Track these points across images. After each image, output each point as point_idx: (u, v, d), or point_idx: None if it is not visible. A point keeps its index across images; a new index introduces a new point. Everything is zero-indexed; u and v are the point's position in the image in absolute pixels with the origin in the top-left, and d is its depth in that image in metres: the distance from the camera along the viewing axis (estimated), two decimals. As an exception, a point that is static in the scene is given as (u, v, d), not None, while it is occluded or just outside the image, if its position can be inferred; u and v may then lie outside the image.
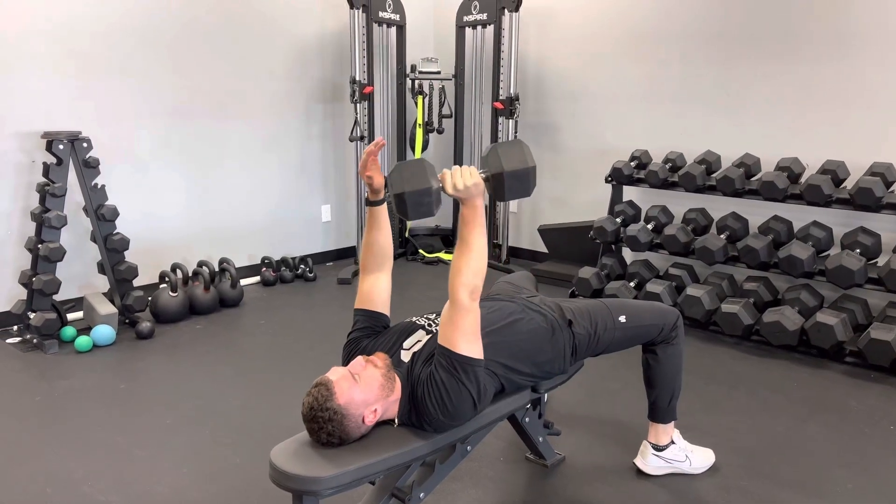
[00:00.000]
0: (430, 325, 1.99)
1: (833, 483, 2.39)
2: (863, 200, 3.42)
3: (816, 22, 3.87)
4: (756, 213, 3.96)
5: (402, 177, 1.64)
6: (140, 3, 4.07)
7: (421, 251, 5.49)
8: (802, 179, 3.78)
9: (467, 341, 1.73)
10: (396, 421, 1.79)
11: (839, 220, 3.72)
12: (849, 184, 3.67)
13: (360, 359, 1.78)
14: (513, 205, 5.44)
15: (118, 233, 3.78)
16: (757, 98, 4.13)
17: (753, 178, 3.95)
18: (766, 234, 3.78)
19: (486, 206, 5.25)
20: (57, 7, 3.75)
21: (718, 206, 4.12)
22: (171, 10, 4.21)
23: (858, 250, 3.48)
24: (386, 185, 1.83)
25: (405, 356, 1.89)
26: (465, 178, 1.69)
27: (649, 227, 4.18)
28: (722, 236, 3.88)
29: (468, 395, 1.74)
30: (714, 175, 4.05)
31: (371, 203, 1.98)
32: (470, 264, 1.74)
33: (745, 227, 3.97)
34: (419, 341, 1.92)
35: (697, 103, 4.40)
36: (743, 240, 3.78)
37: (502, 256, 5.28)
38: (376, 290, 2.02)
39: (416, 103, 5.34)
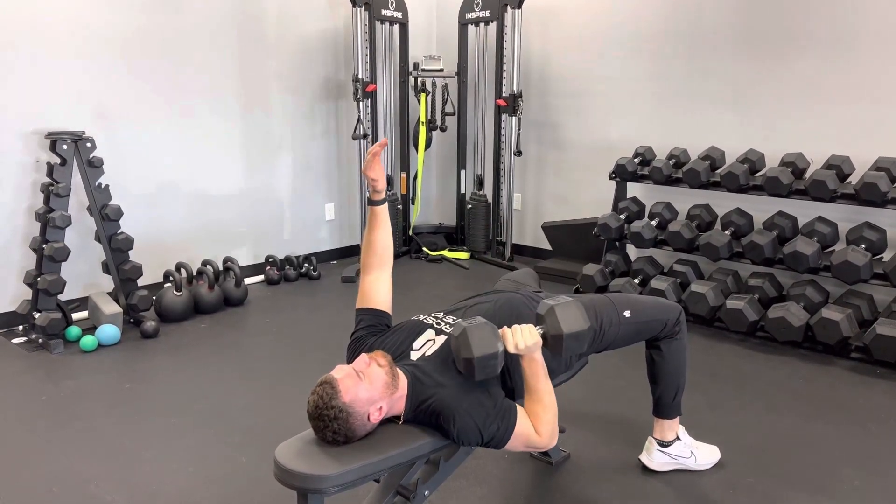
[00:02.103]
0: (438, 323, 1.99)
1: (839, 480, 2.38)
2: (868, 195, 3.40)
3: (821, 17, 3.85)
4: (761, 208, 3.95)
5: (469, 342, 1.70)
6: (144, 3, 4.07)
7: (425, 249, 5.49)
8: (807, 175, 3.77)
9: (518, 446, 1.84)
10: (401, 419, 1.79)
11: (844, 216, 3.71)
12: (854, 179, 3.66)
13: (363, 356, 1.78)
14: (517, 202, 5.44)
15: (122, 232, 3.79)
16: (761, 94, 4.12)
17: (758, 174, 3.94)
18: (770, 230, 3.77)
19: (488, 204, 5.22)
20: (60, 7, 3.76)
21: (723, 202, 4.11)
22: (175, 9, 4.21)
23: (864, 245, 3.46)
24: (390, 185, 1.84)
25: (415, 356, 1.89)
26: (526, 339, 1.77)
27: (653, 223, 4.17)
28: (726, 232, 3.87)
29: (474, 443, 1.79)
30: (718, 171, 4.04)
31: (373, 203, 1.98)
32: (547, 409, 1.82)
33: (749, 223, 3.96)
34: (430, 341, 1.92)
35: (701, 99, 4.38)
36: (748, 236, 3.77)
37: (506, 254, 5.28)
38: (378, 288, 2.02)
39: (418, 101, 5.34)
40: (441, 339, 1.91)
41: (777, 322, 3.45)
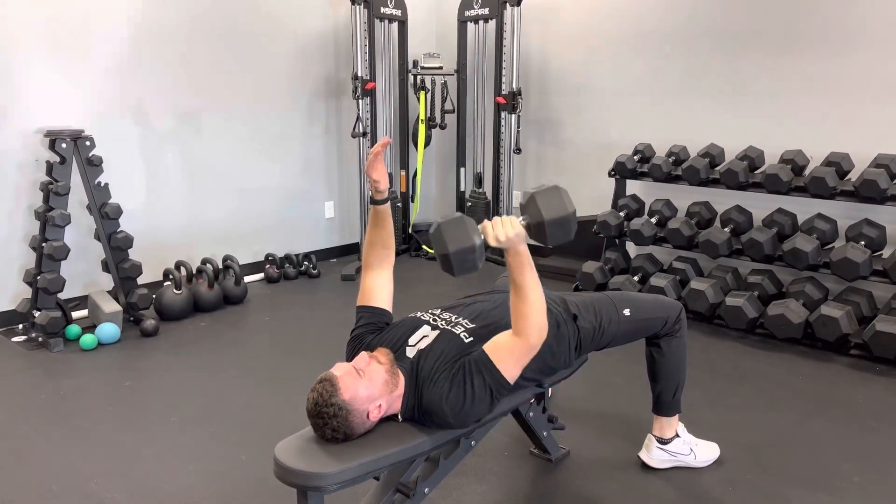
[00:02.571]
0: (434, 320, 2.00)
1: (839, 477, 2.39)
2: (867, 192, 3.40)
3: (821, 14, 3.85)
4: (760, 205, 3.94)
5: (444, 237, 1.64)
6: (142, 1, 4.06)
7: (424, 247, 5.49)
8: (806, 172, 3.77)
9: (513, 367, 1.78)
10: (400, 416, 1.79)
11: (844, 213, 3.70)
12: (853, 176, 3.66)
13: (364, 354, 1.78)
14: (516, 200, 5.43)
15: (122, 231, 3.79)
16: (760, 91, 4.12)
17: (757, 171, 3.94)
18: (770, 227, 3.77)
19: (488, 202, 5.23)
20: (60, 5, 3.75)
21: (722, 200, 4.11)
22: (174, 7, 4.21)
23: (863, 242, 3.46)
24: (391, 183, 1.82)
25: (410, 352, 1.89)
26: (507, 230, 1.70)
27: (653, 220, 4.17)
28: (726, 229, 3.87)
29: (486, 410, 1.78)
30: (718, 168, 4.04)
31: (375, 202, 1.99)
32: (534, 306, 1.75)
33: (749, 221, 3.96)
34: (425, 337, 1.92)
35: (701, 97, 4.38)
36: (747, 233, 3.77)
37: (506, 251, 5.27)
38: (379, 286, 2.03)
39: (418, 99, 5.34)
40: (435, 333, 1.91)
41: (776, 319, 3.45)
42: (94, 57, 3.92)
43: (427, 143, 5.45)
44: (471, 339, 1.89)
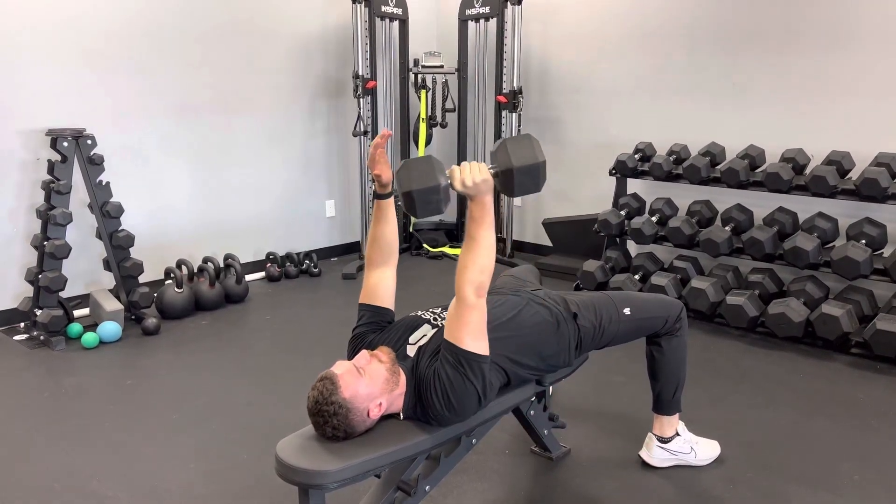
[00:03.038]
0: (435, 318, 2.00)
1: (839, 475, 2.39)
2: (868, 191, 3.40)
3: (821, 12, 3.84)
4: (761, 204, 3.94)
5: (409, 175, 1.61)
6: (146, 1, 4.06)
7: (425, 245, 5.50)
8: (807, 170, 3.77)
9: (473, 338, 1.73)
10: (402, 415, 1.80)
11: (845, 211, 3.70)
12: (854, 174, 3.66)
13: (364, 353, 1.78)
14: (517, 199, 5.43)
15: (123, 229, 3.80)
16: (761, 89, 4.11)
17: (758, 170, 3.93)
18: (771, 226, 3.77)
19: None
20: (62, 4, 3.76)
21: (723, 198, 4.11)
22: (176, 6, 4.21)
23: (864, 241, 3.46)
24: (393, 181, 1.82)
25: (411, 350, 1.89)
26: (475, 175, 1.67)
27: (654, 219, 4.17)
28: (727, 228, 3.87)
29: (473, 391, 1.74)
30: (718, 167, 4.04)
31: (379, 196, 1.98)
32: (477, 261, 1.73)
33: (749, 219, 3.96)
34: (424, 335, 1.92)
35: (701, 95, 4.38)
36: (748, 231, 3.77)
37: (506, 250, 5.28)
38: (382, 284, 2.02)
39: (419, 98, 5.34)
40: (434, 332, 1.92)
41: (777, 318, 3.45)
42: (95, 56, 3.92)
43: (428, 142, 5.45)
44: None
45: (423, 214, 1.65)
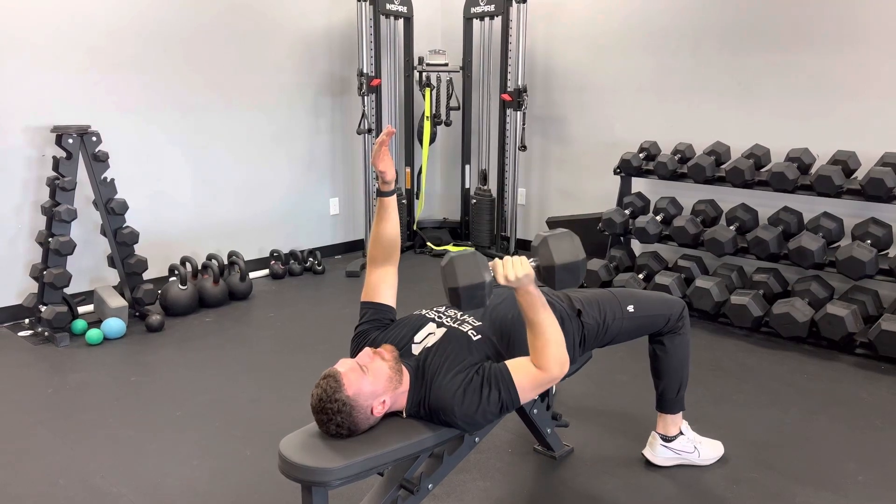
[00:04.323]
0: (440, 317, 2.00)
1: (843, 475, 2.38)
2: (874, 191, 3.39)
3: (827, 11, 3.83)
4: (766, 204, 3.93)
5: (455, 271, 1.65)
6: (148, -3, 4.08)
7: (429, 244, 5.49)
8: (813, 170, 3.76)
9: (531, 392, 1.82)
10: (405, 412, 1.80)
11: (850, 211, 3.69)
12: (860, 174, 3.64)
13: (368, 350, 1.78)
14: (521, 197, 5.43)
15: (128, 226, 3.80)
16: (766, 88, 4.10)
17: (763, 169, 3.92)
18: (775, 226, 3.76)
19: (493, 199, 5.22)
20: (67, 2, 3.76)
21: (728, 198, 4.10)
22: (180, 4, 4.21)
23: (869, 241, 3.45)
24: (396, 179, 1.83)
25: (416, 349, 1.89)
26: (517, 270, 1.70)
27: (658, 218, 4.16)
28: (731, 228, 3.86)
29: (492, 417, 1.80)
30: (723, 166, 4.03)
31: (382, 193, 1.99)
32: (551, 339, 1.76)
33: (754, 219, 3.95)
34: (431, 335, 1.92)
35: (706, 94, 4.37)
36: (752, 231, 3.76)
37: (510, 249, 5.28)
38: (384, 282, 2.03)
39: (423, 96, 5.33)
40: (441, 331, 1.92)
41: (782, 318, 3.44)
42: (100, 53, 3.93)
43: (432, 140, 5.44)
44: (479, 336, 1.90)
45: (468, 308, 1.70)
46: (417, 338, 1.92)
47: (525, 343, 1.94)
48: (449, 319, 1.98)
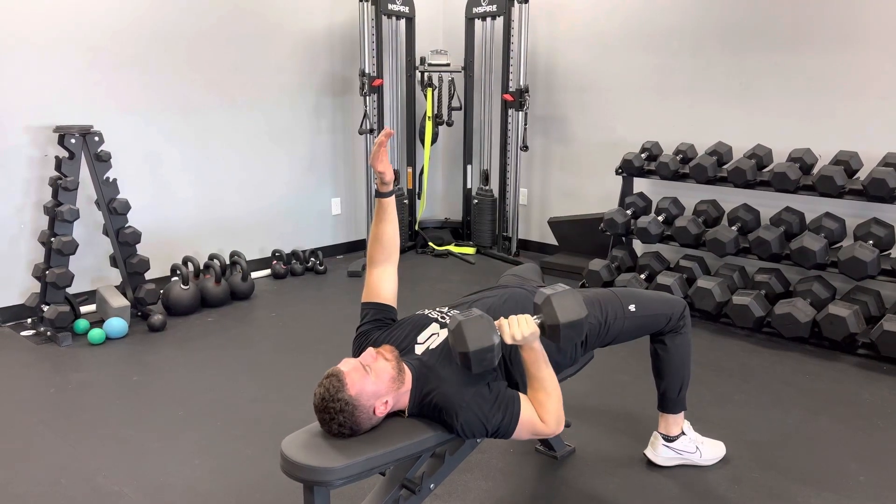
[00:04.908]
0: (443, 317, 2.00)
1: (845, 476, 2.38)
2: (876, 191, 3.39)
3: (829, 11, 3.83)
4: (768, 204, 3.93)
5: (464, 336, 1.69)
6: (150, -3, 4.09)
7: (430, 244, 5.49)
8: (815, 170, 3.75)
9: (526, 433, 1.83)
10: (407, 413, 1.80)
11: (852, 212, 3.69)
12: (862, 175, 3.64)
13: (370, 350, 1.78)
14: (523, 197, 5.43)
15: (130, 226, 3.81)
16: (769, 89, 4.10)
17: (765, 170, 3.92)
18: (777, 226, 3.76)
19: (495, 199, 5.21)
20: (68, 2, 3.77)
21: (730, 198, 4.10)
22: (182, 3, 4.22)
23: (871, 242, 3.45)
24: (397, 179, 1.84)
25: (419, 350, 1.89)
26: (523, 329, 1.74)
27: (660, 218, 4.16)
28: (733, 228, 3.86)
29: (481, 436, 1.82)
30: (725, 166, 4.03)
31: (381, 194, 1.99)
32: (551, 394, 1.82)
33: (756, 219, 3.95)
34: (434, 335, 1.93)
35: (708, 94, 4.37)
36: (754, 231, 3.76)
37: (512, 249, 5.28)
38: (384, 282, 2.03)
39: (425, 96, 5.34)
40: (444, 332, 1.92)
41: (783, 318, 3.44)
42: (102, 53, 3.94)
43: (434, 140, 5.45)
44: None
45: (479, 370, 1.72)
46: (420, 338, 1.93)
47: None
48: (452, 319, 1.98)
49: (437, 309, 2.06)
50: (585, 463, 2.46)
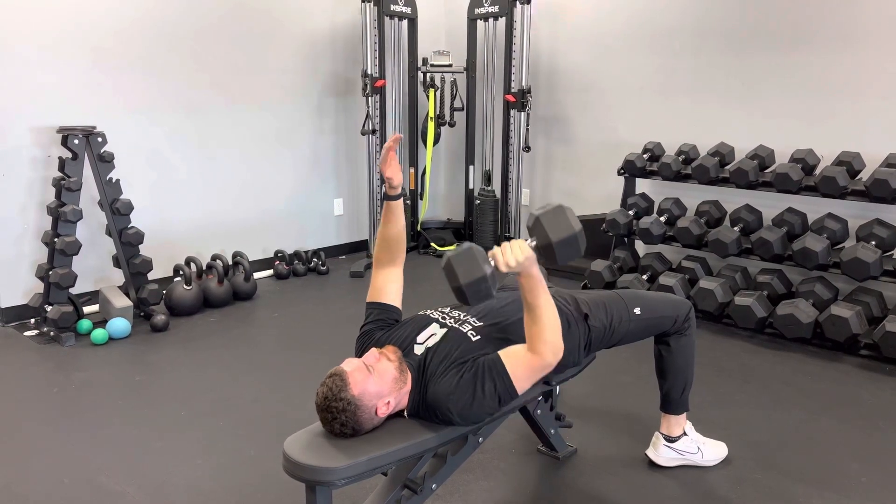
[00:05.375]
0: (443, 318, 2.00)
1: (846, 477, 2.38)
2: (878, 192, 3.38)
3: (831, 11, 3.82)
4: (770, 205, 3.93)
5: (455, 270, 1.64)
6: (153, -2, 4.10)
7: (433, 244, 5.50)
8: (817, 171, 3.75)
9: (527, 381, 1.80)
10: (407, 413, 1.80)
11: (854, 212, 3.69)
12: (864, 175, 3.64)
13: (373, 351, 1.79)
14: (525, 198, 5.43)
15: (133, 226, 3.82)
16: (771, 89, 4.10)
17: (767, 170, 3.92)
18: (780, 227, 3.76)
19: (497, 200, 5.21)
20: (72, 3, 3.78)
21: (732, 199, 4.10)
22: (185, 4, 4.23)
23: (874, 242, 3.44)
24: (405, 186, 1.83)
25: (418, 349, 1.89)
26: (517, 254, 1.69)
27: (662, 219, 4.16)
28: (735, 229, 3.86)
29: (491, 411, 1.80)
30: (727, 167, 4.03)
31: (389, 197, 1.99)
32: (548, 324, 1.76)
33: (758, 220, 3.94)
34: (433, 335, 1.93)
35: (710, 95, 4.36)
36: (756, 232, 3.75)
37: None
38: (389, 283, 2.03)
39: (427, 96, 5.34)
40: (443, 331, 1.92)
41: (786, 319, 3.44)
42: (105, 54, 3.94)
43: (436, 141, 5.45)
44: (478, 337, 1.90)
45: (476, 303, 1.68)
46: (420, 338, 1.93)
47: (522, 341, 1.95)
48: (452, 320, 1.98)
49: (439, 309, 2.07)
50: (587, 463, 2.46)
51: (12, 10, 3.59)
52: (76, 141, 3.62)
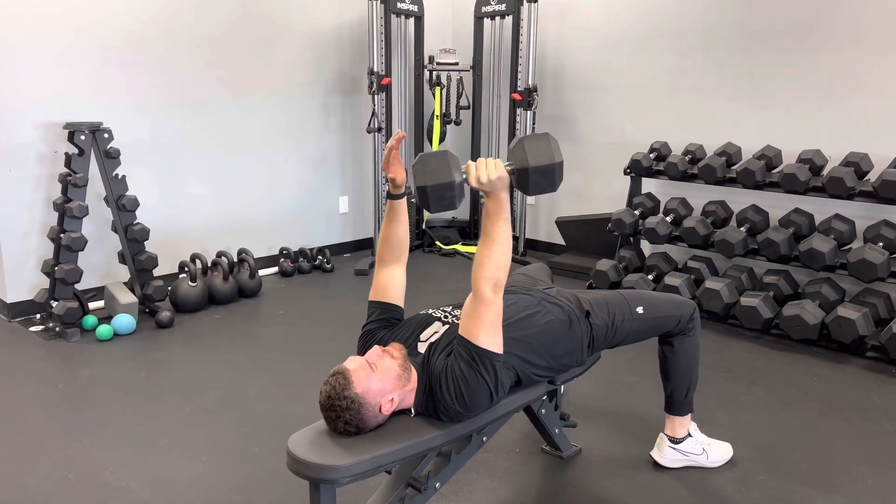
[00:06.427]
0: (446, 316, 2.00)
1: (853, 479, 2.37)
2: (886, 193, 3.37)
3: (839, 11, 3.80)
4: (777, 205, 3.91)
5: (425, 169, 1.60)
6: (160, -5, 4.10)
7: (438, 243, 5.50)
8: (824, 172, 3.73)
9: (488, 334, 1.73)
10: (412, 411, 1.80)
11: (862, 213, 3.67)
12: (872, 176, 3.62)
13: (377, 348, 1.79)
14: (531, 198, 5.42)
15: (139, 223, 3.82)
16: (778, 89, 4.08)
17: (774, 171, 3.91)
18: (786, 227, 3.74)
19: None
20: (79, 1, 3.80)
21: (738, 199, 4.08)
22: (192, 2, 4.23)
23: (881, 244, 3.43)
24: (407, 180, 1.82)
25: (422, 347, 1.89)
26: (490, 171, 1.66)
27: (668, 219, 4.15)
28: (742, 229, 3.84)
29: (485, 387, 1.75)
30: (734, 167, 4.01)
31: (392, 196, 1.99)
32: (493, 257, 1.72)
33: (765, 220, 3.93)
34: (436, 332, 1.93)
35: (717, 95, 4.35)
36: (763, 233, 3.74)
37: (519, 249, 5.27)
38: (392, 282, 2.03)
39: (433, 95, 5.34)
40: (444, 328, 1.92)
41: (792, 320, 3.42)
42: (113, 51, 3.95)
43: (442, 139, 5.44)
44: None
45: (437, 210, 1.64)
46: (423, 336, 1.93)
47: (525, 340, 1.94)
48: (453, 318, 1.98)
49: (442, 308, 2.06)
50: (591, 463, 2.46)
51: (20, 6, 3.60)
52: (82, 137, 3.63)
